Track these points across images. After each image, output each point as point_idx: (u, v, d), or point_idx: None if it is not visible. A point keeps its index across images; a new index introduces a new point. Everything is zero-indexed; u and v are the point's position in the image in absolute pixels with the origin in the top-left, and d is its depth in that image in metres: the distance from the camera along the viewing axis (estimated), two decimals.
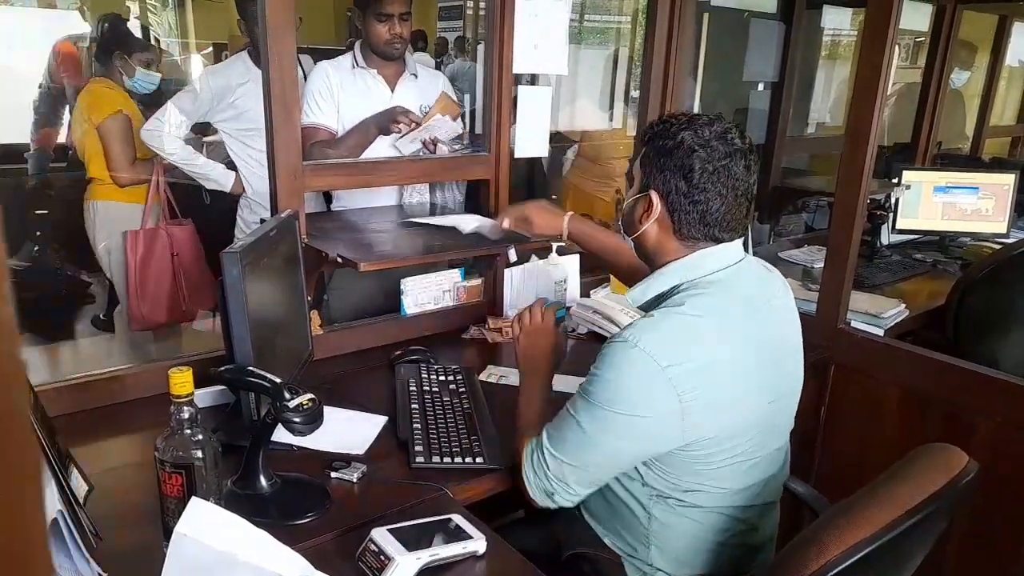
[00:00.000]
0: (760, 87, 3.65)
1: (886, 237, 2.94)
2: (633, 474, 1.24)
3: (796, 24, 3.31)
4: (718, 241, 1.20)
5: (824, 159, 4.06)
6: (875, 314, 2.15)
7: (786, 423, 1.31)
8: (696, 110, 3.87)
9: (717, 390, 1.14)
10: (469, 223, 1.94)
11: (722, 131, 1.17)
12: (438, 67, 5.66)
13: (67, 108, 3.14)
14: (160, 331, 2.76)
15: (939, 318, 2.35)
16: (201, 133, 2.90)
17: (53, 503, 0.99)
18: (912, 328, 2.30)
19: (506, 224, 1.80)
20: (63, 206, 2.85)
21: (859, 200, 1.88)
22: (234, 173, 2.52)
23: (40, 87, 3.16)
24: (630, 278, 1.69)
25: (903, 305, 2.27)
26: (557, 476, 1.21)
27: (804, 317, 2.02)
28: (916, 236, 3.05)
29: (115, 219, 2.65)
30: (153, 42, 4.56)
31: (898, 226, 2.98)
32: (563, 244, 1.83)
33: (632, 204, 1.26)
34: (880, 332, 2.08)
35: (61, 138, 3.14)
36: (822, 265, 2.07)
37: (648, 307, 1.23)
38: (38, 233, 3.01)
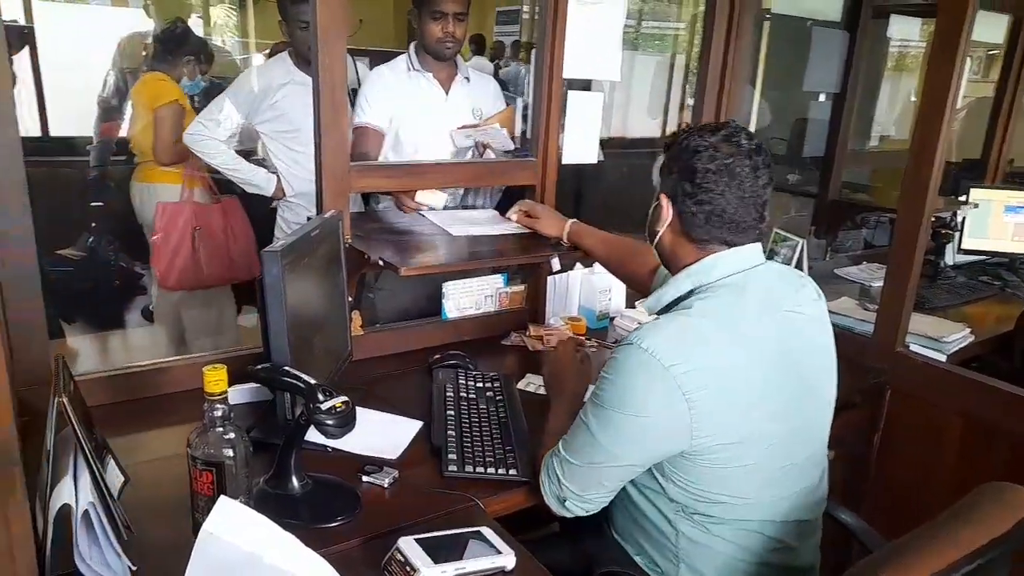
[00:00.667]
0: (821, 98, 3.54)
1: (951, 257, 2.82)
2: (655, 487, 1.22)
3: (861, 33, 3.19)
4: (729, 244, 1.20)
5: (886, 174, 3.92)
6: (937, 338, 2.05)
7: (813, 435, 1.27)
8: (753, 119, 3.80)
9: (726, 393, 1.12)
10: (465, 228, 1.95)
11: (728, 134, 1.18)
12: (496, 71, 5.67)
13: (128, 102, 3.24)
14: (192, 290, 2.90)
15: (1007, 344, 2.24)
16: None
17: (85, 495, 1.00)
18: (977, 354, 2.18)
19: (514, 217, 1.95)
20: (120, 198, 2.94)
21: (923, 217, 1.79)
22: (276, 178, 2.53)
23: (105, 81, 3.27)
24: (624, 276, 1.84)
25: (968, 329, 2.17)
26: (569, 480, 1.21)
27: (860, 338, 1.98)
28: (983, 257, 2.91)
29: (157, 198, 2.83)
30: (217, 43, 4.71)
31: (964, 246, 2.85)
32: (564, 245, 1.89)
33: (650, 213, 1.29)
34: (942, 357, 1.98)
35: (122, 132, 3.24)
36: (881, 284, 1.98)
37: (663, 314, 1.23)
38: (93, 224, 3.10)
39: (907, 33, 3.74)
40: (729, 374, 1.12)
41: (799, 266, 2.20)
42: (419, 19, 2.16)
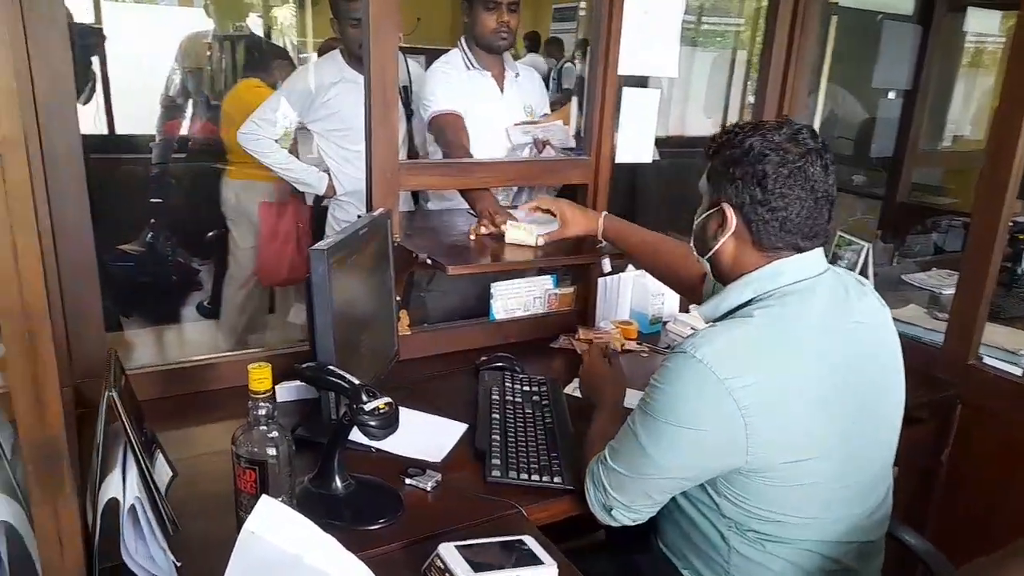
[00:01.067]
0: (890, 95, 3.39)
1: None
2: (708, 502, 1.17)
3: (935, 28, 3.05)
4: (800, 250, 1.13)
5: (959, 175, 3.74)
6: (1013, 351, 1.93)
7: (877, 451, 1.20)
8: (817, 117, 3.66)
9: (785, 408, 1.06)
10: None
11: (792, 133, 1.11)
12: (550, 69, 5.65)
13: (190, 101, 3.33)
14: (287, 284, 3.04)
15: None
16: None
17: (132, 489, 1.01)
18: None
19: (530, 208, 1.77)
20: (180, 194, 3.01)
21: (1000, 221, 1.70)
22: (327, 176, 2.56)
23: (169, 80, 3.36)
24: (671, 279, 1.72)
25: None
26: (615, 489, 1.17)
27: (928, 349, 1.88)
28: None
29: (251, 194, 2.96)
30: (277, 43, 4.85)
31: None
32: (603, 244, 1.77)
33: (703, 222, 1.20)
34: (1018, 371, 1.86)
35: (183, 130, 3.33)
36: (952, 292, 1.88)
37: (720, 321, 1.17)
38: (152, 220, 3.19)
39: (985, 27, 3.55)
40: (790, 388, 1.07)
41: (864, 271, 2.11)
42: (471, 11, 2.14)
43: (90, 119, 3.35)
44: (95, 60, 3.26)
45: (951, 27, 3.28)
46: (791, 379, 1.07)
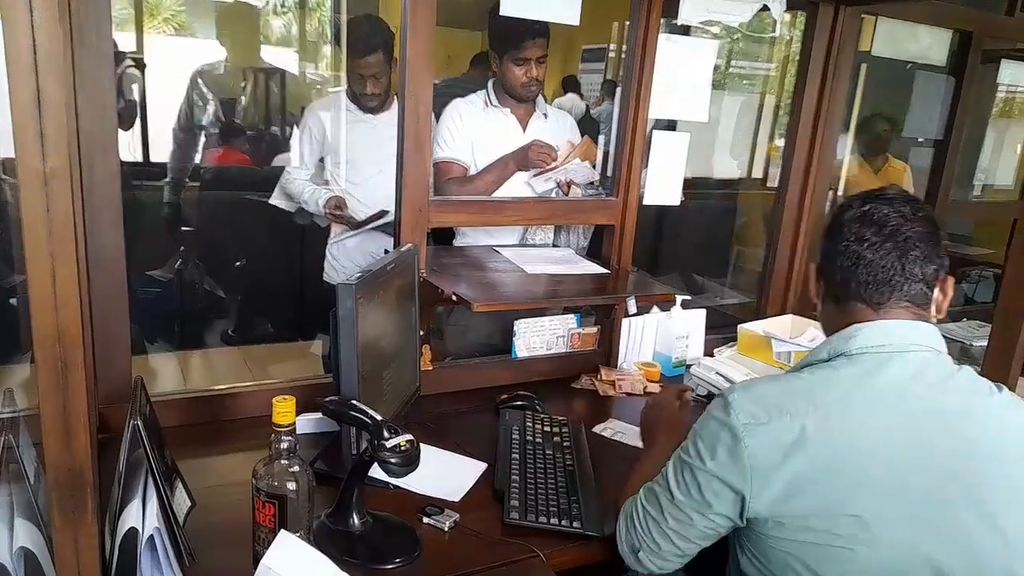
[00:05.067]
0: (919, 141, 3.37)
1: None
2: (731, 556, 1.14)
3: (968, 78, 3.04)
4: (870, 304, 1.08)
5: (989, 224, 3.69)
6: None
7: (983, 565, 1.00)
8: (845, 164, 3.64)
9: (799, 468, 0.99)
10: (541, 267, 1.93)
11: (882, 195, 1.13)
12: (588, 111, 5.71)
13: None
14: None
15: None
16: None
17: (152, 520, 1.01)
18: None
19: None
20: (211, 223, 3.03)
21: None
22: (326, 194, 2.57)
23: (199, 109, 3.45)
24: None
25: None
26: (643, 530, 1.15)
27: None
28: None
29: None
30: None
31: None
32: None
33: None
34: None
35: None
36: (983, 344, 1.84)
37: None
38: (182, 248, 3.23)
39: (1018, 79, 3.55)
40: (828, 451, 1.00)
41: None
42: (500, 63, 2.16)
43: (125, 147, 3.42)
44: (135, 88, 3.35)
45: (984, 78, 3.27)
46: (822, 443, 1.00)
